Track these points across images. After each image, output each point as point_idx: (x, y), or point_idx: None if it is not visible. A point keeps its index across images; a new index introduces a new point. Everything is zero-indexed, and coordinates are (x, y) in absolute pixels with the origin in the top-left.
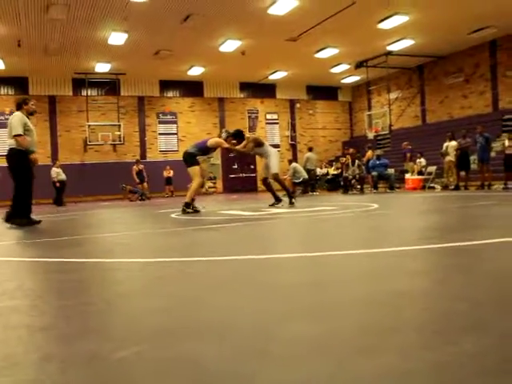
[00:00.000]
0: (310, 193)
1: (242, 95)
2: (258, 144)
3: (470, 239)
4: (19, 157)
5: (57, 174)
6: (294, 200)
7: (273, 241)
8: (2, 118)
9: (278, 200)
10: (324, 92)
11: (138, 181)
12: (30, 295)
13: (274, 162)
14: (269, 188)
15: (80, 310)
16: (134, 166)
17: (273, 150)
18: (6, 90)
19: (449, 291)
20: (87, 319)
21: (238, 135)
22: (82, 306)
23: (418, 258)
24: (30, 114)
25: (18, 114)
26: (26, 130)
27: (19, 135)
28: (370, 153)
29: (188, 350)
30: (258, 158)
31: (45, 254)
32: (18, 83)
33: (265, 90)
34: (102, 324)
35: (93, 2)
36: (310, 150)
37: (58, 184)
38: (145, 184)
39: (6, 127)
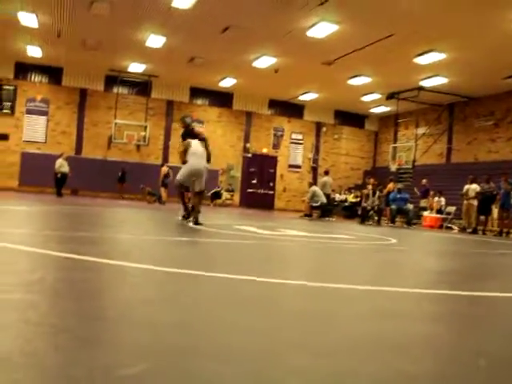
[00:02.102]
0: (327, 218)
1: (269, 112)
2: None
3: (486, 290)
4: None
5: (60, 165)
6: (189, 219)
7: (289, 265)
8: (33, 104)
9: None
10: (351, 119)
11: (163, 183)
12: (48, 291)
13: (184, 170)
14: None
15: (94, 315)
16: (164, 167)
17: (194, 159)
18: (40, 78)
19: (466, 344)
20: (99, 326)
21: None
22: (96, 311)
23: (434, 303)
24: None
25: None
26: None
27: None
28: (391, 185)
29: (197, 370)
30: (278, 176)
31: (67, 249)
32: (53, 72)
33: (293, 110)
34: (112, 333)
35: (136, 2)
36: (327, 173)
37: (59, 175)
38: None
39: (36, 114)
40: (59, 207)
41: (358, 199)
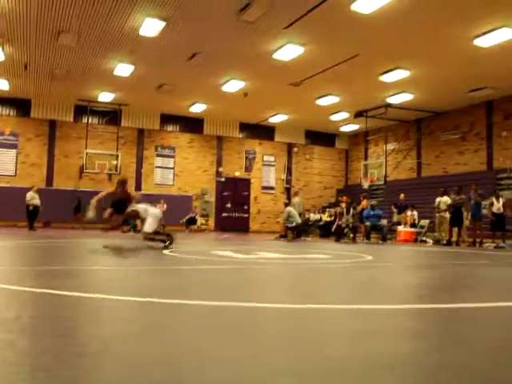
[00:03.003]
0: (303, 238)
1: (240, 135)
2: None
3: (464, 301)
4: None
5: (31, 197)
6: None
7: (267, 288)
8: (1, 138)
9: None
10: (322, 138)
11: None
12: (27, 329)
13: (151, 222)
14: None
15: (72, 352)
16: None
17: (155, 211)
18: (7, 111)
19: (448, 359)
20: (78, 363)
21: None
22: (75, 347)
23: (415, 319)
24: None
25: None
26: None
27: None
28: (365, 202)
29: None
30: (252, 198)
31: (42, 284)
32: (21, 105)
33: (264, 132)
34: (92, 371)
35: (103, 32)
36: (296, 194)
37: (31, 208)
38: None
39: (5, 147)
40: (32, 241)
41: (333, 218)
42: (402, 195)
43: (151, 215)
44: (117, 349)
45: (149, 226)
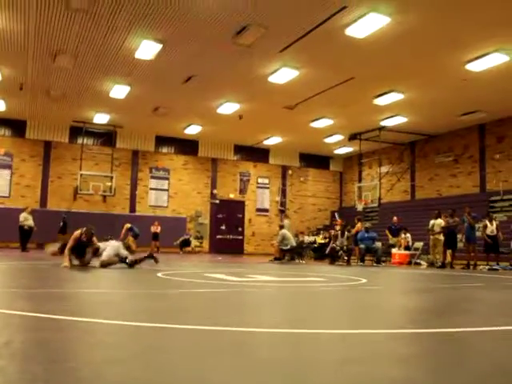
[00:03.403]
0: (297, 260)
1: (235, 157)
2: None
3: (458, 325)
4: None
5: (24, 218)
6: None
7: (260, 312)
8: None
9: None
10: (316, 161)
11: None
12: (18, 355)
13: (110, 251)
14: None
15: (65, 379)
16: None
17: (114, 244)
18: (2, 132)
19: None
20: None
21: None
22: (67, 373)
23: (408, 344)
24: None
25: None
26: None
27: None
28: (359, 225)
29: None
30: (246, 221)
31: (34, 308)
32: (16, 126)
33: (258, 155)
34: None
35: (100, 54)
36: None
37: (25, 228)
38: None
39: (0, 168)
40: (24, 263)
41: (327, 240)
42: (395, 218)
43: (110, 246)
44: (110, 375)
45: (106, 254)
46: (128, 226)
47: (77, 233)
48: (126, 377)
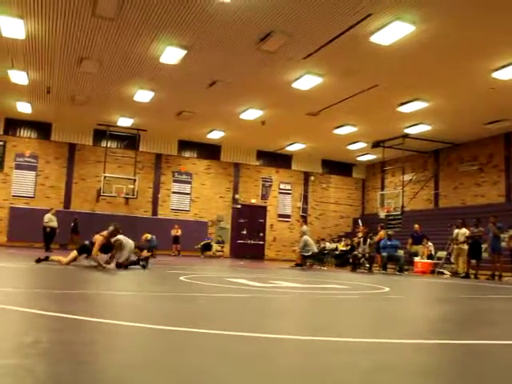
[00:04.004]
0: (318, 267)
1: (257, 163)
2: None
3: (482, 337)
4: None
5: (49, 219)
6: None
7: (283, 319)
8: (21, 159)
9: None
10: (339, 167)
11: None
12: (44, 355)
13: (126, 253)
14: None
15: (93, 380)
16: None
17: (132, 245)
18: (29, 134)
19: None
20: None
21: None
22: (93, 374)
23: (432, 354)
24: None
25: None
26: None
27: None
28: (382, 233)
29: None
30: (268, 226)
31: (57, 309)
32: (42, 128)
33: (281, 160)
34: None
35: (125, 60)
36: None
37: (48, 230)
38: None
39: (25, 169)
40: (47, 264)
41: (349, 247)
42: (416, 225)
43: (128, 248)
44: (134, 377)
45: (122, 257)
46: (148, 236)
47: (102, 235)
48: (148, 381)
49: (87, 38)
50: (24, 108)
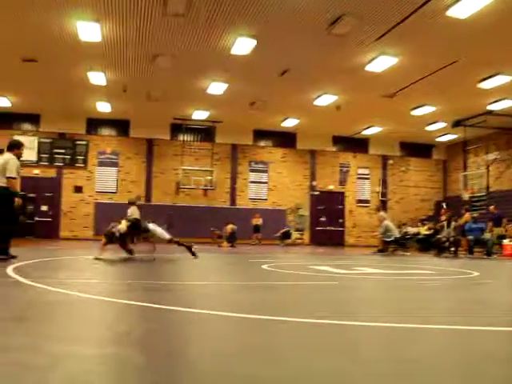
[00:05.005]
0: (401, 252)
1: (334, 149)
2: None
3: None
4: (9, 197)
5: (132, 213)
6: (195, 254)
7: (375, 306)
8: (103, 157)
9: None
10: (418, 149)
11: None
12: (138, 345)
13: (159, 231)
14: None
15: (187, 371)
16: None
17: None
18: (109, 131)
19: None
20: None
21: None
22: (189, 366)
23: None
24: (18, 158)
25: (13, 157)
26: (18, 173)
27: (14, 178)
28: (467, 215)
29: None
30: (347, 212)
31: (147, 299)
32: (121, 125)
33: (357, 145)
34: None
35: (197, 54)
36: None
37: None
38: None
39: (107, 165)
40: (136, 255)
41: (432, 231)
42: (491, 206)
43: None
44: (228, 367)
45: (166, 234)
46: (234, 227)
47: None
48: (247, 370)
49: (159, 36)
50: (104, 108)
